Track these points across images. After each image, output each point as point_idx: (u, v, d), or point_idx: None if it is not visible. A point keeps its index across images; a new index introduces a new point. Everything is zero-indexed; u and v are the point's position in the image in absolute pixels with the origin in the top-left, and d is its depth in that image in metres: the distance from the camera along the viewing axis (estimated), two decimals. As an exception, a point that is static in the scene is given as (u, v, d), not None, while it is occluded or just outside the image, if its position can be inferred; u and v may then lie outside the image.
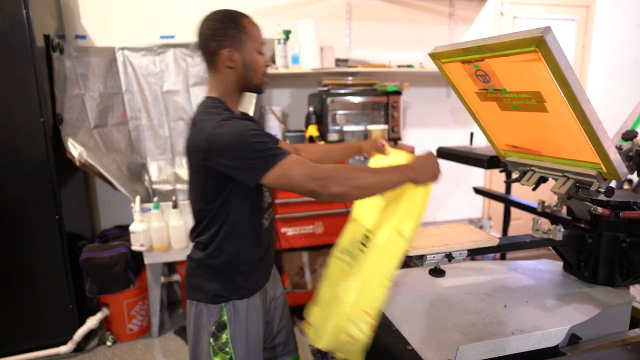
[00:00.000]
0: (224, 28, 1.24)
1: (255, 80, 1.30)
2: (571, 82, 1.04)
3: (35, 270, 2.56)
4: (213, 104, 1.27)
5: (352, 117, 3.09)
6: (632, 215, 1.37)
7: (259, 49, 1.28)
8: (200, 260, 1.33)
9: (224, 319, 1.31)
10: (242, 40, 1.24)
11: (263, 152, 1.14)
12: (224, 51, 1.24)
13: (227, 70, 1.26)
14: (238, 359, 1.32)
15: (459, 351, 1.09)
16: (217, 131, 1.16)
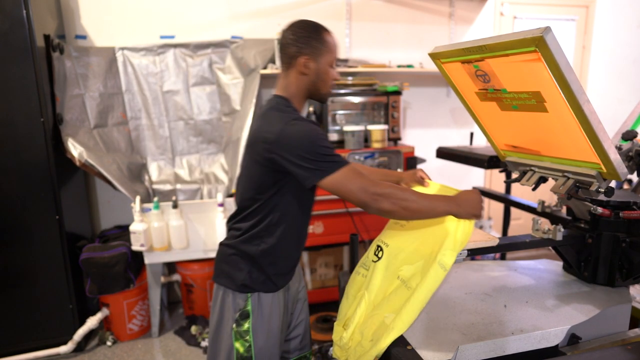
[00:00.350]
0: (308, 37, 1.32)
1: (322, 90, 1.38)
2: (571, 82, 1.04)
3: (35, 270, 2.56)
4: (284, 102, 1.34)
5: (352, 117, 3.09)
6: (632, 215, 1.37)
7: (332, 63, 1.37)
8: (236, 247, 1.38)
9: (247, 308, 1.37)
10: (321, 52, 1.33)
11: (327, 157, 1.22)
12: (302, 58, 1.32)
13: (300, 75, 1.35)
14: (256, 349, 1.37)
15: (459, 351, 1.09)
16: (288, 127, 1.24)
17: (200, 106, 3.07)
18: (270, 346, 1.40)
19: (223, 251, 1.43)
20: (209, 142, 3.11)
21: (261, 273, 1.37)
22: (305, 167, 1.21)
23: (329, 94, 1.41)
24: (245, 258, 1.38)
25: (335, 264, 3.18)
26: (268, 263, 1.37)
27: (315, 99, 1.40)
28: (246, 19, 3.22)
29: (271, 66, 2.99)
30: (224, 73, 3.05)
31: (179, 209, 2.66)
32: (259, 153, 1.29)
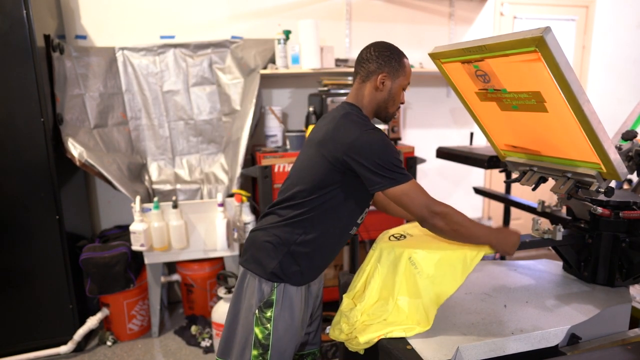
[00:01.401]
0: (390, 57, 1.41)
1: (390, 109, 1.46)
2: (571, 82, 1.05)
3: (35, 270, 2.56)
4: (358, 111, 1.42)
5: (352, 117, 3.09)
6: (632, 215, 1.37)
7: (405, 87, 1.47)
8: (273, 233, 1.41)
9: (272, 297, 1.39)
10: (398, 73, 1.43)
11: (398, 168, 1.28)
12: (381, 75, 1.40)
13: (375, 90, 1.42)
14: (274, 338, 1.39)
15: (459, 351, 1.09)
16: (366, 134, 1.31)
17: (200, 106, 3.07)
18: (288, 337, 1.42)
19: (256, 237, 1.45)
20: (209, 142, 3.11)
21: (293, 264, 1.39)
22: (379, 174, 1.27)
23: (393, 115, 1.49)
24: (280, 246, 1.39)
25: (335, 264, 3.18)
26: (304, 255, 1.39)
27: (380, 116, 1.47)
28: (246, 19, 3.22)
29: (271, 66, 2.99)
30: (224, 73, 3.05)
31: (179, 209, 2.66)
32: (330, 152, 1.34)
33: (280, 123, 3.13)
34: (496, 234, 1.31)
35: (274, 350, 1.39)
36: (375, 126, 1.36)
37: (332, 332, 1.33)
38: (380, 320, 1.23)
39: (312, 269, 1.43)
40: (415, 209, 1.27)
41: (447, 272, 1.24)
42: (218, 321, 2.52)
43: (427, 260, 1.24)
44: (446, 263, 1.24)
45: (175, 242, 2.67)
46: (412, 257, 1.25)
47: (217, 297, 2.93)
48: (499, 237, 1.31)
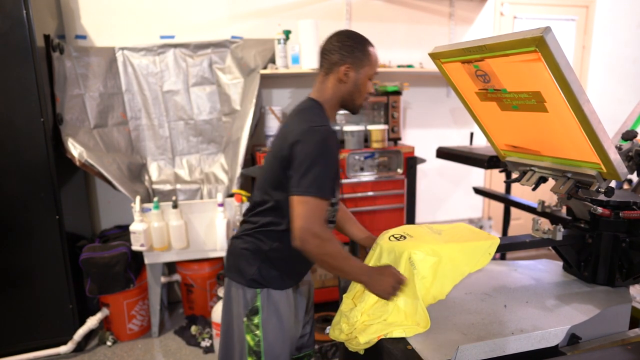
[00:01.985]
0: (353, 47, 1.34)
1: (357, 101, 1.40)
2: (571, 82, 1.04)
3: (35, 270, 2.56)
4: (317, 106, 1.37)
5: (352, 117, 3.09)
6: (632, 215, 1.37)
7: (371, 76, 1.39)
8: (248, 241, 1.39)
9: (257, 304, 1.38)
10: (363, 63, 1.36)
11: (317, 179, 1.22)
12: (344, 67, 1.34)
13: (339, 83, 1.37)
14: (266, 344, 1.38)
15: (459, 351, 1.09)
16: (309, 132, 1.26)
17: (200, 106, 3.07)
18: (280, 342, 1.40)
19: (235, 244, 1.44)
20: (209, 142, 3.11)
21: (272, 269, 1.38)
22: (298, 172, 1.23)
23: (361, 106, 1.43)
24: (256, 253, 1.38)
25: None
26: (279, 260, 1.38)
27: (347, 108, 1.42)
28: (246, 19, 3.22)
29: (271, 66, 2.99)
30: (224, 73, 3.05)
31: (179, 209, 2.66)
32: (279, 151, 1.31)
33: (280, 123, 3.13)
34: (370, 275, 1.26)
35: (267, 356, 1.39)
36: (328, 125, 1.30)
37: (332, 332, 1.33)
38: (380, 320, 1.24)
39: (292, 272, 1.42)
40: (296, 223, 1.22)
41: (442, 276, 1.25)
42: (218, 321, 2.52)
43: (424, 262, 1.24)
44: (443, 267, 1.25)
45: (175, 242, 2.67)
46: (412, 257, 1.25)
47: (217, 297, 2.93)
48: (372, 278, 1.25)
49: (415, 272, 1.24)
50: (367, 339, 1.19)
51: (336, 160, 1.30)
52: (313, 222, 1.21)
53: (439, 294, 1.25)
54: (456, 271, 1.26)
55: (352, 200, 2.97)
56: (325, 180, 1.24)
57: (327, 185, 1.24)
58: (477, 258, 1.28)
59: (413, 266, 1.25)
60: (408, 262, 1.25)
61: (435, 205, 3.99)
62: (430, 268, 1.24)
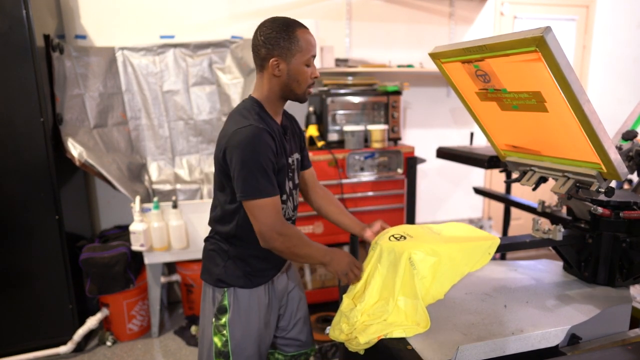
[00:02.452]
0: (277, 38, 1.28)
1: (297, 91, 1.34)
2: (571, 82, 1.04)
3: (35, 270, 2.56)
4: (250, 105, 1.34)
5: (352, 117, 3.09)
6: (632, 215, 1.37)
7: (308, 61, 1.32)
8: (213, 243, 1.42)
9: (224, 303, 1.39)
10: (292, 52, 1.29)
11: (255, 181, 1.22)
12: (272, 60, 1.29)
13: (273, 77, 1.32)
14: (233, 344, 1.38)
15: (459, 351, 1.09)
16: (239, 132, 1.24)
17: (200, 106, 3.07)
18: (248, 342, 1.40)
19: (205, 247, 1.47)
20: (209, 142, 3.11)
21: (236, 269, 1.39)
22: (241, 177, 1.23)
23: (305, 94, 1.37)
24: (220, 253, 1.41)
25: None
26: (241, 261, 1.40)
27: (292, 99, 1.39)
28: (246, 19, 3.22)
29: (271, 66, 2.99)
30: (224, 73, 3.05)
31: (179, 209, 2.66)
32: (217, 154, 1.32)
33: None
34: (331, 256, 1.33)
35: (235, 357, 1.38)
36: (255, 121, 1.26)
37: (332, 333, 1.33)
38: (380, 320, 1.23)
39: (258, 270, 1.42)
40: (259, 227, 1.24)
41: (441, 276, 1.25)
42: (218, 321, 2.52)
43: (424, 262, 1.24)
44: (442, 267, 1.25)
45: (175, 242, 2.67)
46: (412, 257, 1.25)
47: (217, 297, 2.93)
48: (333, 259, 1.33)
49: (415, 272, 1.24)
50: (367, 339, 1.19)
51: (270, 155, 1.26)
52: (270, 221, 1.24)
53: (438, 294, 1.25)
54: (455, 271, 1.26)
55: (352, 200, 2.97)
56: (261, 179, 1.23)
57: (266, 182, 1.24)
58: (476, 258, 1.28)
59: (413, 266, 1.24)
60: (408, 262, 1.25)
61: (435, 205, 3.99)
62: (430, 268, 1.24)
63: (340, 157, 2.91)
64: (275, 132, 1.34)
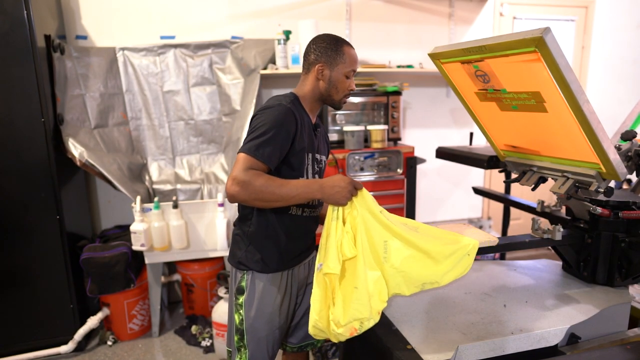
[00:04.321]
0: (326, 48, 1.45)
1: (334, 97, 1.48)
2: (571, 82, 1.05)
3: (36, 270, 2.56)
4: (288, 95, 1.46)
5: (352, 117, 3.10)
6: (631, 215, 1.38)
7: (348, 74, 1.47)
8: (237, 227, 1.52)
9: (242, 284, 1.49)
10: (337, 62, 1.45)
11: (259, 137, 1.29)
12: (319, 65, 1.45)
13: (315, 80, 1.47)
14: (247, 324, 1.47)
15: (458, 351, 1.10)
16: (267, 104, 1.38)
17: (201, 106, 3.07)
18: (261, 324, 1.47)
19: (233, 230, 1.55)
20: (209, 142, 3.11)
21: (256, 253, 1.46)
22: (247, 136, 1.33)
23: (341, 102, 1.51)
24: (243, 237, 1.49)
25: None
26: (259, 245, 1.46)
27: (328, 104, 1.51)
28: (246, 19, 3.22)
29: (271, 66, 3.00)
30: (224, 73, 3.05)
31: (179, 209, 2.66)
32: None
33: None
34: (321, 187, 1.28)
35: (249, 336, 1.47)
36: (283, 104, 1.36)
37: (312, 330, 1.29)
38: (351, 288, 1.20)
39: (274, 256, 1.46)
40: (230, 176, 1.27)
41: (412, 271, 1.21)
42: (218, 321, 2.52)
43: (398, 252, 1.21)
44: (416, 263, 1.21)
45: (176, 242, 2.67)
46: (388, 242, 1.23)
47: (217, 296, 2.94)
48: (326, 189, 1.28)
49: (385, 258, 1.22)
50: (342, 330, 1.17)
51: (283, 131, 1.33)
52: (237, 173, 1.25)
53: (404, 290, 1.22)
54: (427, 271, 1.21)
55: (352, 200, 2.97)
56: (263, 145, 1.28)
57: (266, 150, 1.29)
58: (454, 262, 1.21)
59: (386, 252, 1.22)
60: (382, 246, 1.23)
61: (435, 205, 3.99)
62: (403, 260, 1.21)
63: (340, 157, 2.91)
64: (305, 122, 1.44)
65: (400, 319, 1.28)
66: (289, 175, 1.40)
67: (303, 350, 1.69)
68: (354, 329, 1.17)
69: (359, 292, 1.18)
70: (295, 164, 1.41)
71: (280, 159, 1.35)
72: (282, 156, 1.36)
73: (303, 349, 1.69)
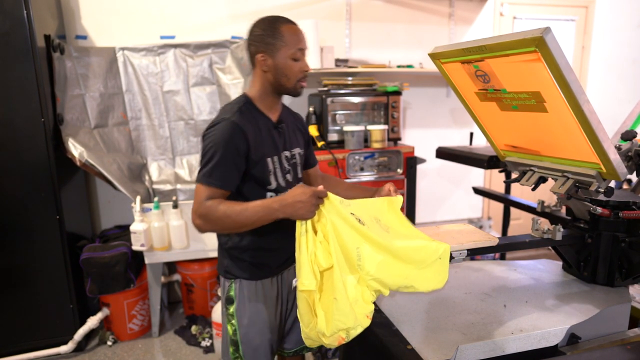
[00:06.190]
0: (262, 35, 1.35)
1: (287, 85, 1.37)
2: (571, 82, 1.05)
3: (36, 270, 2.56)
4: (237, 100, 1.39)
5: (352, 117, 3.10)
6: (632, 215, 1.38)
7: (294, 55, 1.35)
8: (220, 236, 1.48)
9: (231, 293, 1.44)
10: (277, 47, 1.34)
11: (206, 168, 1.27)
12: (259, 56, 1.34)
13: (263, 73, 1.37)
14: (241, 334, 1.43)
15: (458, 351, 1.10)
16: (212, 125, 1.31)
17: (201, 106, 3.07)
18: (256, 331, 1.44)
19: (218, 240, 1.52)
20: (209, 142, 3.11)
21: (239, 260, 1.44)
22: (200, 163, 1.30)
23: (296, 88, 1.39)
24: (224, 246, 1.47)
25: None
26: (243, 252, 1.43)
27: (285, 93, 1.41)
28: (246, 19, 3.22)
29: (271, 66, 2.99)
30: (224, 73, 3.05)
31: (179, 209, 2.66)
32: None
33: (280, 123, 3.13)
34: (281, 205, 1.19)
35: (244, 346, 1.43)
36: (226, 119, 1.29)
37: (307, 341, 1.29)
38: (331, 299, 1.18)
39: (259, 263, 1.44)
40: (192, 209, 1.27)
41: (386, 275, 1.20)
42: (218, 321, 2.52)
43: (371, 259, 1.19)
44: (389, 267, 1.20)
45: (176, 242, 2.67)
46: (360, 248, 1.20)
47: (217, 297, 2.94)
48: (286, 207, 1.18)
49: (360, 265, 1.20)
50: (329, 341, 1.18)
51: (233, 150, 1.27)
52: (195, 205, 1.25)
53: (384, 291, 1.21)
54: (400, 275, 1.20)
55: (352, 200, 2.97)
56: (215, 170, 1.25)
57: (219, 175, 1.26)
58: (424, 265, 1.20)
59: (359, 259, 1.20)
60: (355, 252, 1.20)
61: (435, 205, 3.99)
62: (377, 266, 1.19)
63: (340, 157, 2.91)
64: (260, 126, 1.36)
65: (400, 319, 1.28)
66: (255, 188, 1.35)
67: (299, 354, 1.67)
68: (341, 338, 1.17)
69: (339, 303, 1.15)
70: (257, 175, 1.34)
71: (240, 177, 1.30)
72: (241, 173, 1.30)
73: (299, 352, 1.66)
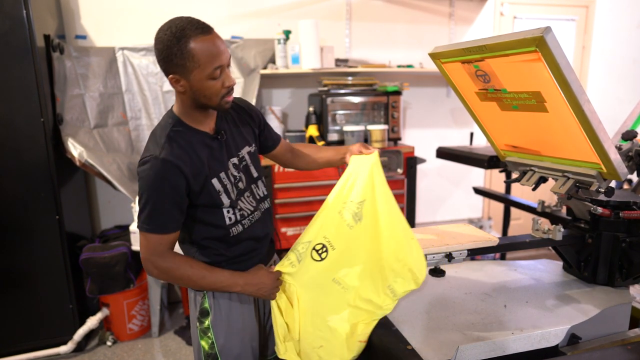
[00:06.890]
0: (169, 55, 1.14)
1: (210, 103, 1.20)
2: (571, 82, 1.04)
3: (36, 270, 2.56)
4: (165, 123, 1.26)
5: (352, 117, 3.09)
6: (632, 215, 1.37)
7: (211, 75, 1.15)
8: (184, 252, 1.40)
9: (205, 306, 1.36)
10: (188, 69, 1.14)
11: (145, 215, 1.21)
12: (170, 77, 1.17)
13: (180, 93, 1.21)
14: (219, 346, 1.36)
15: (458, 351, 1.09)
16: (142, 163, 1.25)
17: (200, 106, 3.07)
18: (234, 341, 1.38)
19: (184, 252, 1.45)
20: (209, 142, 3.11)
21: None
22: (139, 207, 1.24)
23: (221, 104, 1.22)
24: None
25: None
26: (214, 265, 1.35)
27: (212, 109, 1.25)
28: (246, 19, 3.22)
29: (271, 66, 2.99)
30: (224, 73, 3.05)
31: (179, 209, 2.65)
32: None
33: (280, 123, 3.13)
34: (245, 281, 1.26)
35: (224, 357, 1.36)
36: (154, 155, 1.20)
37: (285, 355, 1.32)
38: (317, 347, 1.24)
39: (232, 270, 1.36)
40: (142, 256, 1.22)
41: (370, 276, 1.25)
42: (218, 321, 2.52)
43: (350, 275, 1.25)
44: (370, 269, 1.24)
45: (175, 242, 2.67)
46: (335, 277, 1.25)
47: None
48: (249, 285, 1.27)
49: (342, 288, 1.25)
50: None
51: (170, 188, 1.19)
52: (150, 255, 1.21)
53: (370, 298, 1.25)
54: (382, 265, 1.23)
55: (352, 200, 2.97)
56: (154, 216, 1.20)
57: (160, 219, 1.20)
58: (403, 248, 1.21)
59: (339, 284, 1.25)
60: (333, 283, 1.26)
61: (435, 205, 3.99)
62: (358, 276, 1.25)
63: (340, 157, 2.91)
64: (196, 147, 1.24)
65: (400, 319, 1.28)
66: (209, 212, 1.27)
67: None
68: None
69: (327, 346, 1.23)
70: (206, 202, 1.25)
71: (183, 213, 1.23)
72: (184, 209, 1.24)
73: None
